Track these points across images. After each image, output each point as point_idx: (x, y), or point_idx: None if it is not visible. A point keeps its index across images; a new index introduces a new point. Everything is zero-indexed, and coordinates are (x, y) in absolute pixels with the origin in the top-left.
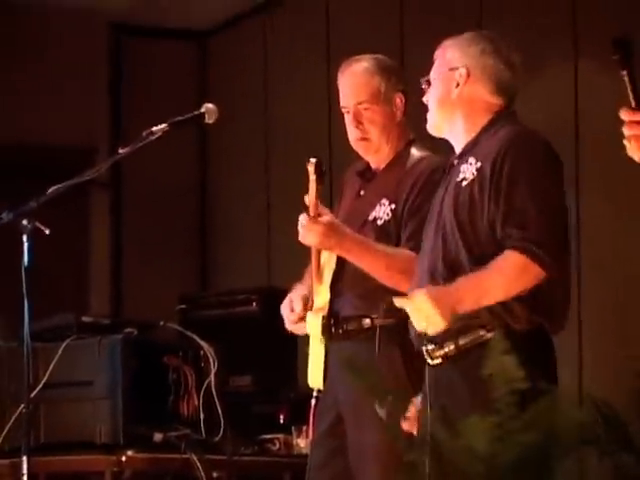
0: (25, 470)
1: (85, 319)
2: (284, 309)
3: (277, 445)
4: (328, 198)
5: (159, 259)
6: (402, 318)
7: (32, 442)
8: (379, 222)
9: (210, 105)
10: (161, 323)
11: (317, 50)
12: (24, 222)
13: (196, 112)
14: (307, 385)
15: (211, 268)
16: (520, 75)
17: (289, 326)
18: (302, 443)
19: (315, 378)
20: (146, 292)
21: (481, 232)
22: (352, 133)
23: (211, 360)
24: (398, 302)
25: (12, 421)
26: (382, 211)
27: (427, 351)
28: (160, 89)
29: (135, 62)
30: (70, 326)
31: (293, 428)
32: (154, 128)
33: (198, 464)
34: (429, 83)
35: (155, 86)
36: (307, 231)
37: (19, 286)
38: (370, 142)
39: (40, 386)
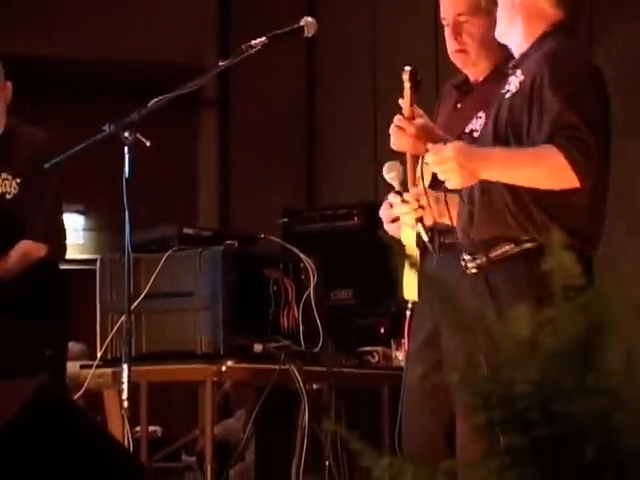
0: (125, 379)
1: (187, 231)
2: (383, 210)
3: (376, 358)
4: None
5: (266, 175)
6: None
7: (134, 352)
8: (475, 134)
9: (309, 18)
10: (262, 236)
11: None
12: (125, 134)
13: (295, 25)
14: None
15: (318, 184)
16: None
17: (387, 226)
18: (401, 356)
19: (410, 290)
20: (253, 206)
21: (521, 144)
22: (450, 45)
23: (311, 273)
24: (428, 157)
25: (114, 331)
26: (478, 123)
27: (464, 260)
28: (270, 4)
29: None
30: (172, 237)
31: (392, 341)
32: (253, 42)
33: (297, 375)
34: None
35: (264, 1)
36: (400, 132)
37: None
38: (468, 54)
39: (142, 297)
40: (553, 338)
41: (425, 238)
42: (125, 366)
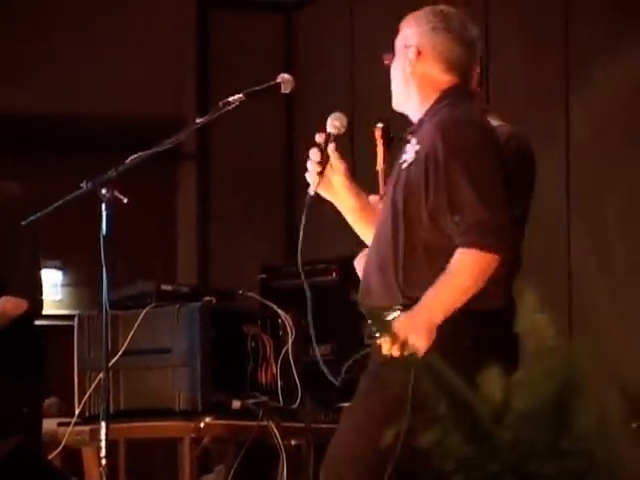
0: (104, 436)
1: (165, 287)
2: (357, 263)
3: None
4: None
5: (246, 229)
6: None
7: (112, 408)
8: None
9: (286, 75)
10: (240, 292)
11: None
12: (103, 191)
13: (272, 82)
14: None
15: (296, 239)
16: (476, 51)
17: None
18: None
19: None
20: (232, 261)
21: (419, 217)
22: None
23: (289, 329)
24: (383, 347)
25: (92, 388)
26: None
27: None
28: (247, 61)
29: (222, 35)
30: (150, 294)
31: None
32: (230, 98)
33: (276, 431)
34: (392, 59)
35: (242, 58)
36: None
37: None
38: None
39: (120, 353)
40: (525, 399)
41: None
42: (103, 423)
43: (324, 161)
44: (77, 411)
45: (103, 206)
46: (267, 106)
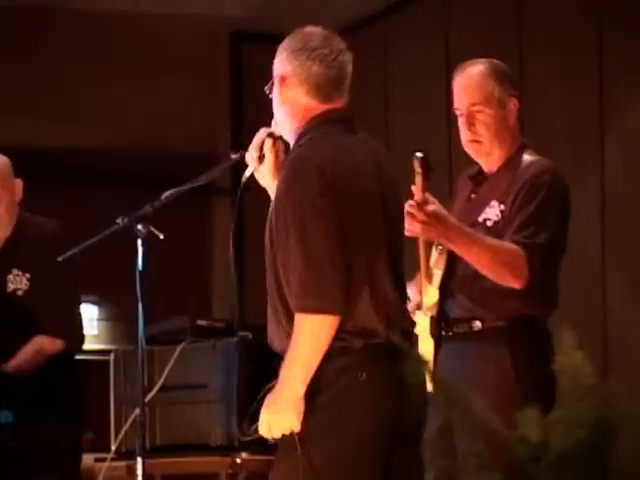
0: (140, 472)
1: (200, 322)
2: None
3: None
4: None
5: None
6: (511, 320)
7: (148, 444)
8: (488, 223)
9: None
10: None
11: (435, 56)
12: (139, 227)
13: None
14: None
15: None
16: (343, 66)
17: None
18: None
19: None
20: (266, 297)
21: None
22: (464, 135)
23: None
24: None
25: (129, 424)
26: (492, 212)
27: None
28: None
29: (256, 68)
30: (186, 329)
31: None
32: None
33: None
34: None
35: None
36: (411, 218)
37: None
38: (481, 144)
39: (156, 389)
40: (563, 439)
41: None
42: (139, 459)
43: (261, 155)
44: (113, 446)
45: (139, 242)
46: None
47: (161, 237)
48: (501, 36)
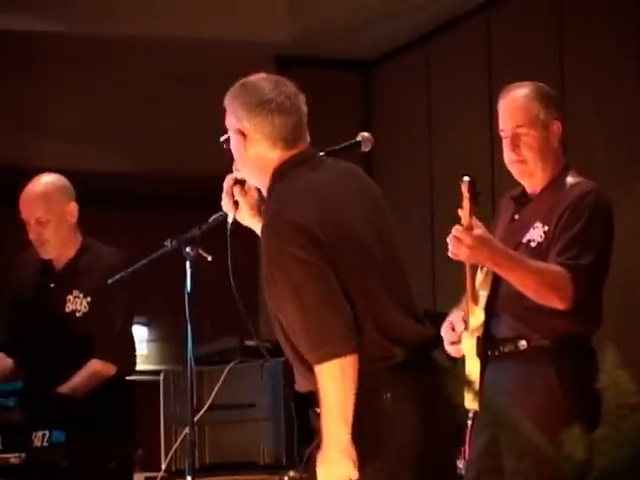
0: None
1: (248, 343)
2: (444, 330)
3: None
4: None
5: None
6: (557, 339)
7: (197, 463)
8: (532, 244)
9: (366, 134)
10: None
11: (479, 79)
12: (187, 249)
13: (352, 141)
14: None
15: None
16: (298, 108)
17: (447, 347)
18: (461, 464)
19: (471, 399)
20: None
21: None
22: (508, 156)
23: None
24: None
25: (178, 443)
26: (536, 233)
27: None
28: (325, 119)
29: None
30: (234, 350)
31: None
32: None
33: None
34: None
35: (320, 116)
36: (457, 242)
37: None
38: (526, 165)
39: (205, 408)
40: (608, 456)
41: None
42: (189, 478)
43: (235, 201)
44: (164, 465)
45: (187, 264)
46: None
47: (209, 259)
48: (543, 58)
